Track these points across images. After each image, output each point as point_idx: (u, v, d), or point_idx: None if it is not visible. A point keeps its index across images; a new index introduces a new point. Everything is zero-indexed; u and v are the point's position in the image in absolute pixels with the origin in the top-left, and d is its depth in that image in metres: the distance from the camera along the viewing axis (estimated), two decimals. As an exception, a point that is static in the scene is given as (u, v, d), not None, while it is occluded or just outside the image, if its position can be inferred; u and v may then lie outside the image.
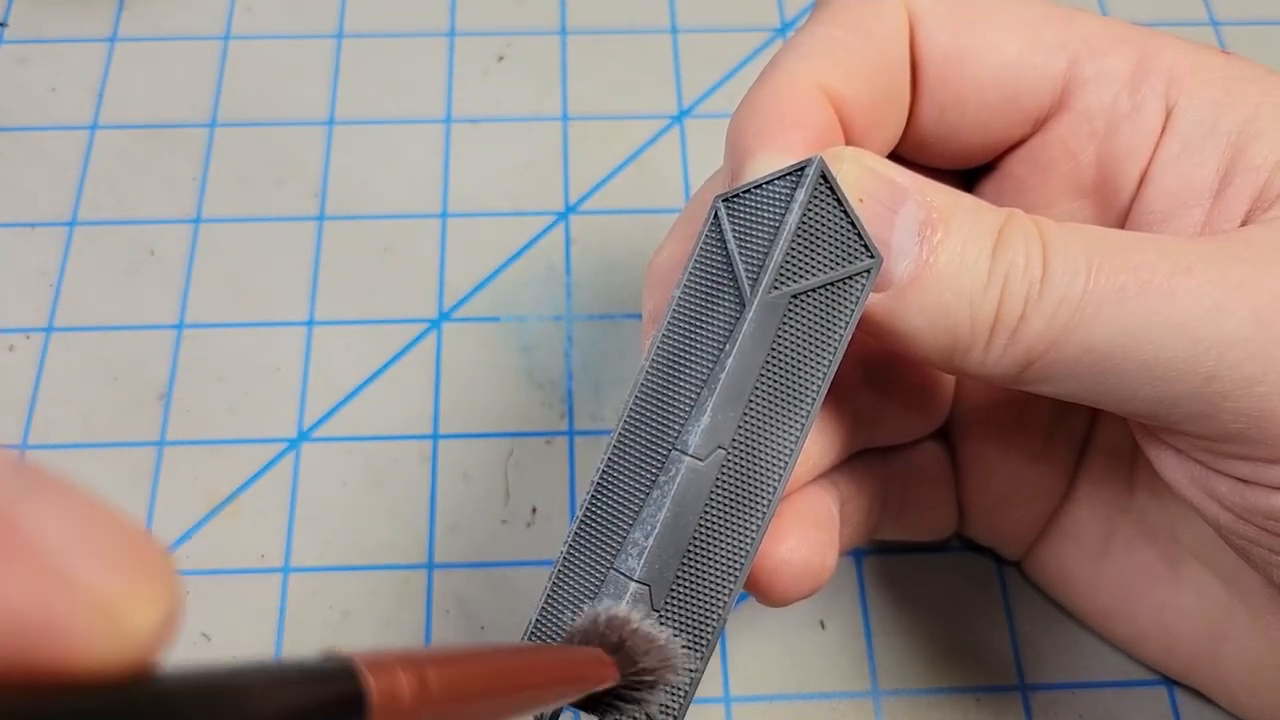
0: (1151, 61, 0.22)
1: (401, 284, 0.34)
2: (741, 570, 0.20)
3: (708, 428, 0.19)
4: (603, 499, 0.20)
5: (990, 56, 0.23)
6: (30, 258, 0.34)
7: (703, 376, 0.19)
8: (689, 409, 0.19)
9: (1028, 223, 0.20)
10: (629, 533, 0.19)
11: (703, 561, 0.19)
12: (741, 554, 0.19)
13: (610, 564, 0.19)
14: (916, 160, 0.25)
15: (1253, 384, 0.19)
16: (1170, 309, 0.19)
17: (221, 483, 0.31)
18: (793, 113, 0.21)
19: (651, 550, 0.19)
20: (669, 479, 0.19)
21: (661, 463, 0.19)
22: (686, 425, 0.19)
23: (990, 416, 0.27)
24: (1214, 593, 0.25)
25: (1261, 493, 0.20)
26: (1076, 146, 0.23)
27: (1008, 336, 0.19)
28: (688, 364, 0.19)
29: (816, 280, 0.19)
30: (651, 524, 0.19)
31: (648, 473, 0.19)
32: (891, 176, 0.20)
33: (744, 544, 0.19)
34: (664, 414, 0.19)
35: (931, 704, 0.28)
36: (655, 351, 0.20)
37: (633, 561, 0.19)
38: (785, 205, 0.19)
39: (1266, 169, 0.21)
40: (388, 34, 0.39)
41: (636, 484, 0.19)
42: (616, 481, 0.20)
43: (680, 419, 0.19)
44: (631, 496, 0.19)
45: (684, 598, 0.19)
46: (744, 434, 0.19)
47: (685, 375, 0.19)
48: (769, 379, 0.19)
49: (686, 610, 0.19)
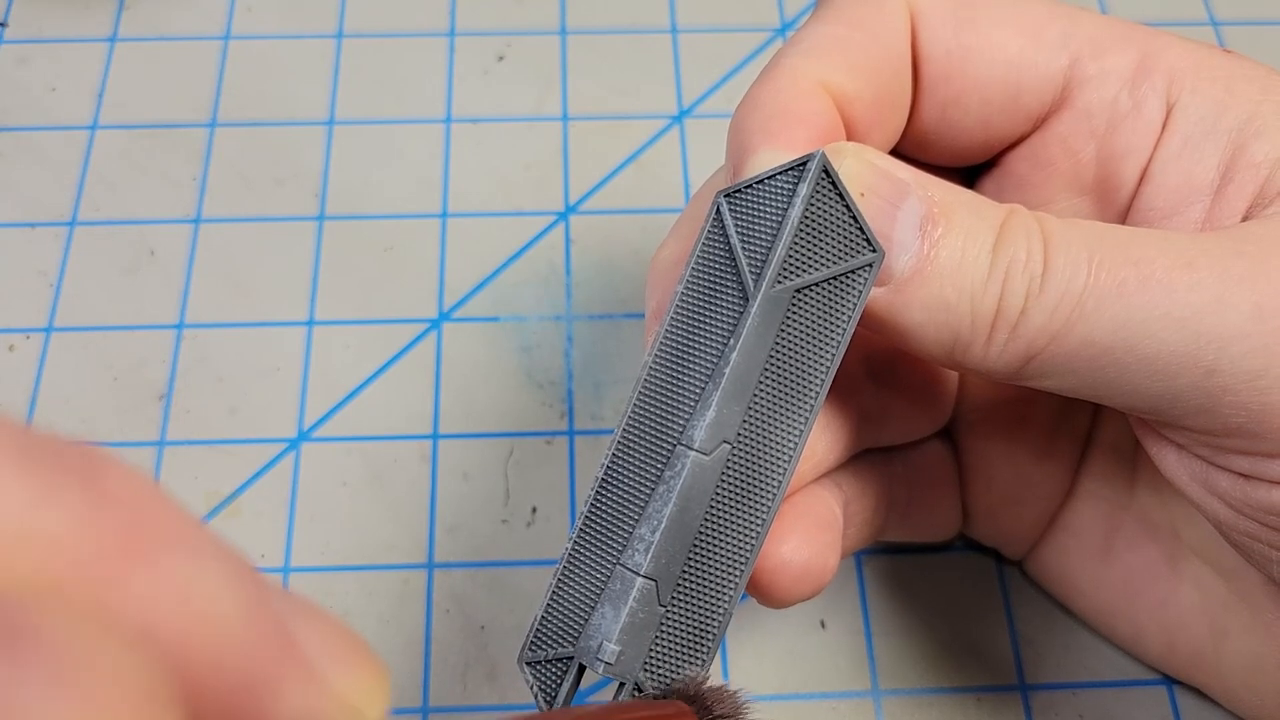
0: (1153, 60, 0.22)
1: (401, 284, 0.34)
2: (747, 565, 0.20)
3: (713, 422, 0.19)
4: (607, 495, 0.20)
5: (992, 54, 0.23)
6: (30, 258, 0.34)
7: (707, 371, 0.19)
8: (693, 404, 0.19)
9: (1029, 218, 0.20)
10: (635, 528, 0.19)
11: (709, 557, 0.19)
12: (747, 549, 0.19)
13: (616, 559, 0.19)
14: (918, 157, 0.25)
15: (1254, 378, 0.19)
16: (1171, 303, 0.19)
17: (221, 483, 0.31)
18: (795, 109, 0.21)
19: (658, 545, 0.19)
20: (674, 474, 0.19)
21: (666, 458, 0.19)
22: (691, 420, 0.19)
23: (994, 415, 0.27)
24: (1215, 590, 0.25)
25: (1262, 488, 0.20)
26: (1077, 144, 0.23)
27: (1009, 331, 0.19)
28: (692, 359, 0.19)
29: (819, 275, 0.19)
30: (658, 519, 0.19)
31: (653, 468, 0.19)
32: (893, 172, 0.20)
33: (749, 538, 0.19)
34: (668, 409, 0.19)
35: (931, 704, 0.28)
36: (658, 347, 0.20)
37: (639, 557, 0.19)
38: (788, 200, 0.19)
39: (1267, 166, 0.21)
40: (388, 34, 0.39)
41: (641, 480, 0.19)
42: (621, 477, 0.20)
43: (685, 414, 0.19)
44: (637, 492, 0.19)
45: (690, 593, 0.19)
46: (749, 428, 0.19)
47: (689, 370, 0.19)
48: (773, 373, 0.19)
49: (692, 606, 0.19)
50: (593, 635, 0.19)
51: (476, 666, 0.29)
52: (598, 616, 0.19)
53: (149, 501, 0.11)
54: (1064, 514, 0.27)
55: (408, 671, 0.29)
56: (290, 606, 0.12)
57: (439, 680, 0.28)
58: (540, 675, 0.20)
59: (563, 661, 0.20)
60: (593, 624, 0.19)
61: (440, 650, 0.29)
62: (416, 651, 0.29)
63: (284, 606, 0.12)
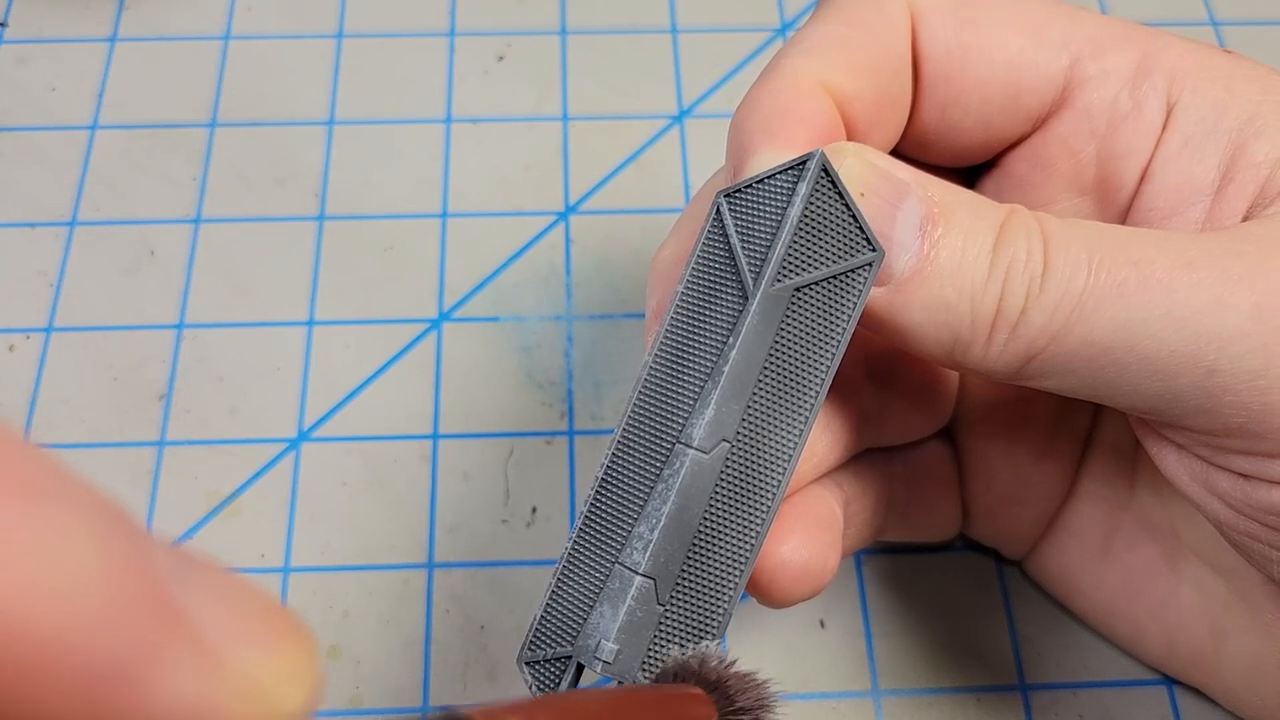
0: (1154, 60, 0.22)
1: (401, 284, 0.34)
2: (747, 564, 0.20)
3: (712, 420, 0.19)
4: (607, 494, 0.20)
5: (992, 54, 0.23)
6: (30, 258, 0.34)
7: (706, 370, 0.19)
8: (693, 402, 0.19)
9: (1029, 218, 0.20)
10: (634, 526, 0.19)
11: (708, 555, 0.19)
12: (747, 548, 0.19)
13: (615, 558, 0.19)
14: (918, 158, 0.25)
15: (1253, 377, 0.19)
16: (1171, 303, 0.19)
17: (221, 483, 0.31)
18: (795, 109, 0.21)
19: (656, 544, 0.19)
20: (673, 472, 0.19)
21: (666, 456, 0.19)
22: (691, 418, 0.19)
23: (994, 415, 0.27)
24: (1215, 590, 0.25)
25: (1262, 487, 0.20)
26: (1077, 144, 0.23)
27: (1009, 331, 0.19)
28: (691, 358, 0.19)
29: (819, 274, 0.19)
30: (656, 517, 0.19)
31: (652, 466, 0.19)
32: (893, 172, 0.20)
33: (749, 537, 0.19)
34: (668, 408, 0.19)
35: (931, 704, 0.28)
36: (659, 346, 0.20)
37: (638, 555, 0.19)
38: (787, 199, 0.19)
39: (1267, 166, 0.21)
40: (388, 34, 0.39)
41: (641, 478, 0.19)
42: (621, 476, 0.20)
43: (684, 412, 0.19)
44: (636, 491, 0.19)
45: (689, 592, 0.19)
46: (748, 427, 0.19)
47: (689, 369, 0.19)
48: (772, 372, 0.19)
49: (691, 605, 0.19)
50: (591, 634, 0.19)
51: (476, 666, 0.29)
52: (596, 615, 0.19)
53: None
54: (1064, 514, 0.27)
55: (408, 671, 0.29)
56: (184, 570, 0.10)
57: (439, 680, 0.28)
58: (539, 675, 0.20)
59: (561, 661, 0.20)
60: (591, 623, 0.19)
61: (440, 650, 0.29)
62: (416, 651, 0.29)
63: (172, 570, 0.10)
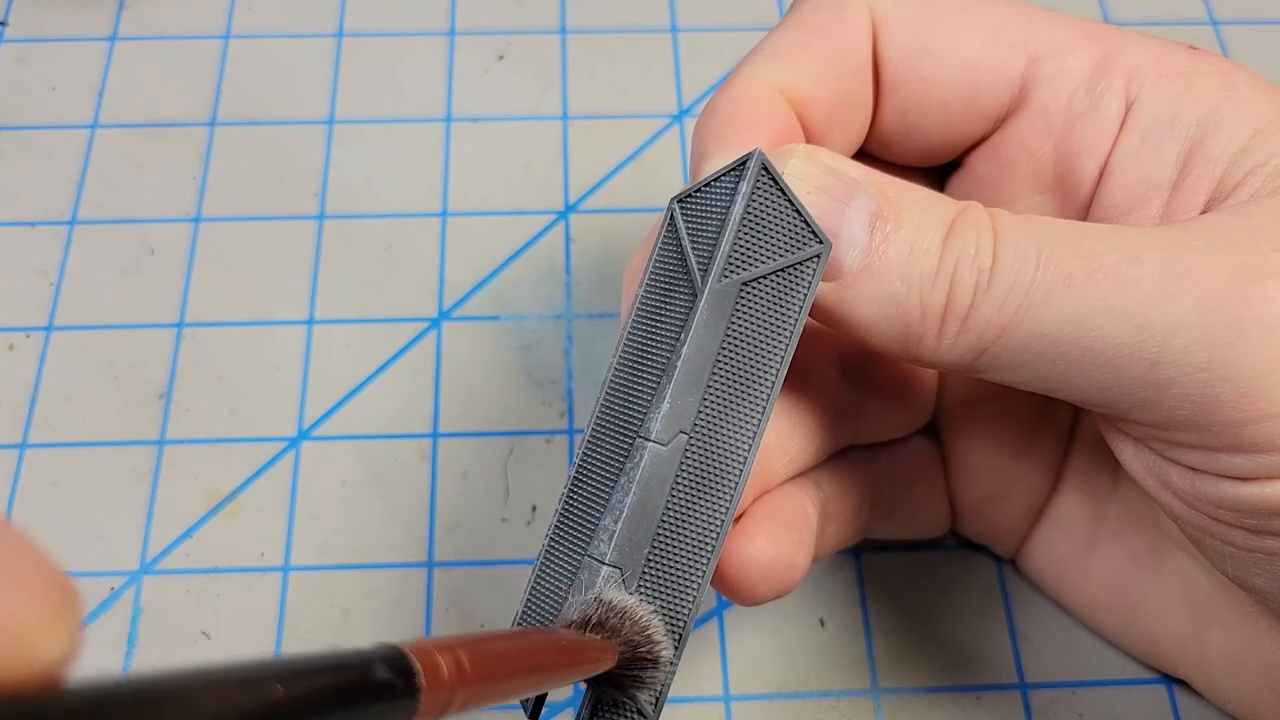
0: (1114, 59, 0.22)
1: (401, 283, 0.34)
2: (712, 553, 0.20)
3: (668, 413, 0.19)
4: (579, 489, 0.21)
5: (949, 57, 0.23)
6: (30, 257, 0.34)
7: (663, 366, 0.20)
8: (651, 398, 0.20)
9: (982, 214, 0.20)
10: (600, 519, 0.20)
11: (672, 545, 0.20)
12: (711, 536, 0.20)
13: (584, 550, 0.20)
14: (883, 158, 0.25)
15: (1196, 370, 0.19)
16: (1116, 295, 0.19)
17: (221, 482, 0.31)
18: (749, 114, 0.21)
19: (620, 534, 0.19)
20: (634, 465, 0.20)
21: (628, 451, 0.20)
22: (649, 413, 0.20)
23: (975, 411, 0.27)
24: (1196, 581, 0.25)
25: (1210, 481, 0.20)
26: (1035, 143, 0.23)
27: (959, 324, 0.20)
28: (650, 356, 0.20)
29: (766, 268, 0.20)
30: (619, 509, 0.19)
31: (616, 461, 0.20)
32: (844, 170, 0.20)
33: (713, 526, 0.20)
34: (630, 405, 0.20)
35: (931, 702, 0.28)
36: (621, 348, 0.21)
37: (604, 546, 0.19)
38: (730, 198, 0.20)
39: (1224, 160, 0.21)
40: (388, 33, 0.39)
41: (607, 473, 0.20)
42: (590, 472, 0.20)
43: (644, 408, 0.20)
44: (603, 485, 0.20)
45: (656, 581, 0.20)
46: (705, 418, 0.20)
47: (648, 367, 0.20)
48: (726, 364, 0.20)
49: (659, 593, 0.20)
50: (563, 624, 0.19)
51: (476, 665, 0.29)
52: (567, 606, 0.20)
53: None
54: (1049, 509, 0.27)
55: (407, 670, 0.29)
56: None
57: (439, 679, 0.28)
58: None
59: None
60: (563, 614, 0.20)
61: (440, 649, 0.29)
62: (416, 650, 0.29)
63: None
